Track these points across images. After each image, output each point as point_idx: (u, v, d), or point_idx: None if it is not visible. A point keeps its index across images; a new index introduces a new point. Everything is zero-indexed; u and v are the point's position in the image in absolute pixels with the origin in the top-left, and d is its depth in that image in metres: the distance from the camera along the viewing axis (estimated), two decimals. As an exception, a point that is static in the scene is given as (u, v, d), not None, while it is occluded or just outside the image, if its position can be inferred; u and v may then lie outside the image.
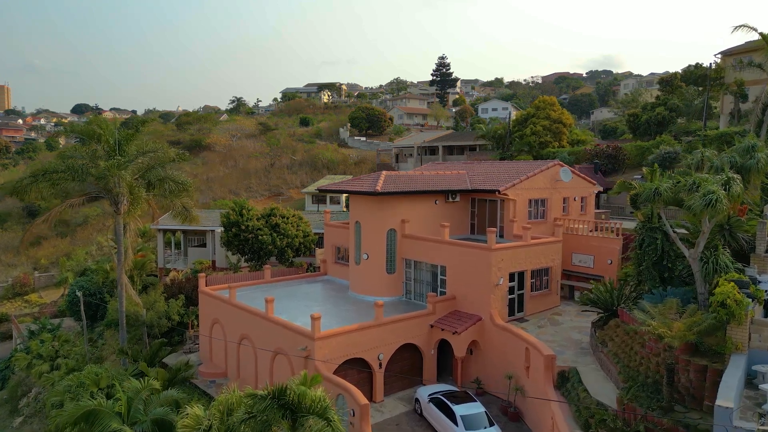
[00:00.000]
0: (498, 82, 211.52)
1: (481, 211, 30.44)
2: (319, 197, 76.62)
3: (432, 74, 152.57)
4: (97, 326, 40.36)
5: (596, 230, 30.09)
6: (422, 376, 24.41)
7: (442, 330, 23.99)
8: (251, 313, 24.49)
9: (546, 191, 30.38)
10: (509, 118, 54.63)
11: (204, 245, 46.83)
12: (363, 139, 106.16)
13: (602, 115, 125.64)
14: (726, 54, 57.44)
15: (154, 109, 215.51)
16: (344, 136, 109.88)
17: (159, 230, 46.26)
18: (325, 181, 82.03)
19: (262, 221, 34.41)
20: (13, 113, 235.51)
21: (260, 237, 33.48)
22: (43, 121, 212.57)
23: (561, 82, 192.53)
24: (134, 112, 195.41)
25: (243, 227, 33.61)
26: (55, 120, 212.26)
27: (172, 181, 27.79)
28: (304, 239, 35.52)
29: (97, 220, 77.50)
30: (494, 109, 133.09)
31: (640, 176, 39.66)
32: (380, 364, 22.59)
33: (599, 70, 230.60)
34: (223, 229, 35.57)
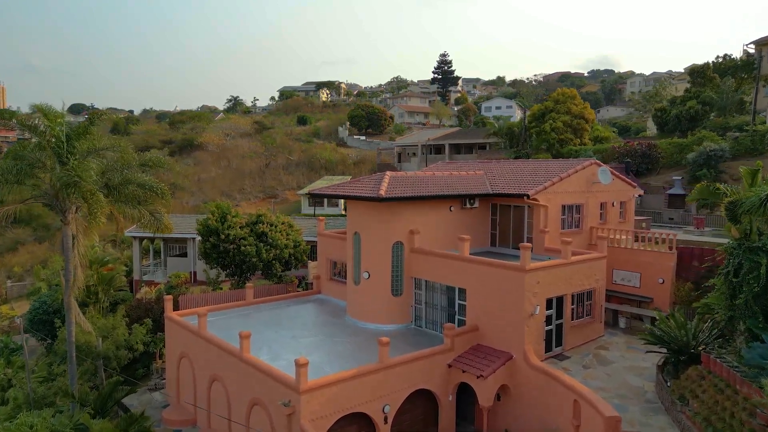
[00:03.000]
0: (500, 80, 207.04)
1: (504, 219, 25.52)
2: (316, 199, 71.79)
3: (433, 72, 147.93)
4: (60, 345, 35.43)
5: (639, 241, 25.23)
6: (438, 429, 19.53)
7: (464, 372, 19.06)
8: (223, 350, 19.54)
9: (581, 195, 25.48)
10: (525, 113, 49.75)
11: (185, 254, 41.89)
12: (363, 138, 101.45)
13: (608, 114, 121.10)
14: (760, 43, 52.56)
15: (152, 108, 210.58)
16: (343, 135, 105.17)
17: (135, 238, 41.35)
18: (323, 183, 77.04)
19: (246, 229, 29.47)
20: (8, 113, 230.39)
21: (243, 248, 28.52)
22: (38, 121, 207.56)
23: (565, 80, 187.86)
24: (131, 112, 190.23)
25: (223, 236, 28.65)
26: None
27: (137, 185, 22.88)
28: (295, 250, 30.58)
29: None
30: (498, 108, 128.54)
31: (680, 177, 34.75)
32: (386, 419, 17.67)
33: (600, 69, 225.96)
34: (200, 238, 30.61)
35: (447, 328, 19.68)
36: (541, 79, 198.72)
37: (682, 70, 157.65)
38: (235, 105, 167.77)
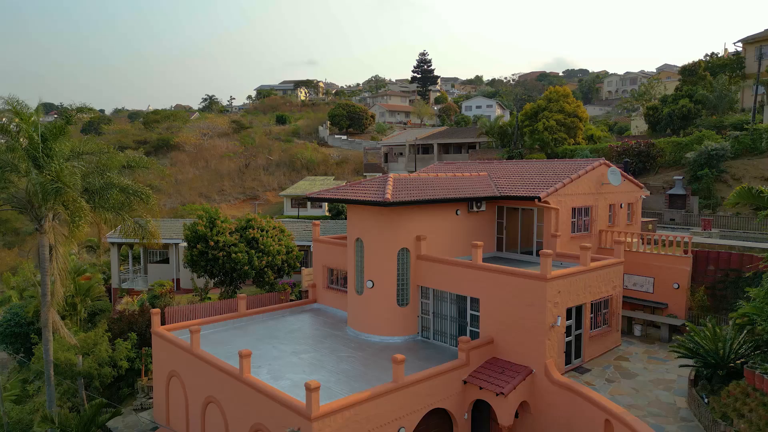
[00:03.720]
0: (478, 80, 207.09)
1: (512, 223, 24.34)
2: (300, 201, 70.03)
3: (413, 71, 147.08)
4: (36, 363, 33.19)
5: (652, 244, 24.30)
6: (453, 450, 18.22)
7: (481, 389, 17.77)
8: (220, 370, 17.90)
9: (591, 197, 24.43)
10: (516, 112, 48.78)
11: (167, 260, 39.88)
12: (344, 137, 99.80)
13: (587, 113, 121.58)
14: (747, 42, 52.53)
15: (123, 108, 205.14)
16: (324, 135, 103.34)
17: (113, 243, 39.19)
18: (305, 183, 75.28)
19: (236, 235, 27.74)
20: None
21: (234, 255, 26.80)
22: (4, 120, 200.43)
23: (543, 79, 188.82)
24: (102, 111, 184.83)
25: (212, 243, 26.87)
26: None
27: (119, 190, 21.08)
28: (287, 256, 28.95)
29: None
30: (478, 107, 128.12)
31: (680, 177, 34.05)
32: (401, 443, 16.30)
33: (575, 69, 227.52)
34: (186, 244, 28.78)
35: (462, 341, 18.35)
36: (517, 78, 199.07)
37: (654, 70, 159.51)
38: (211, 104, 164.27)
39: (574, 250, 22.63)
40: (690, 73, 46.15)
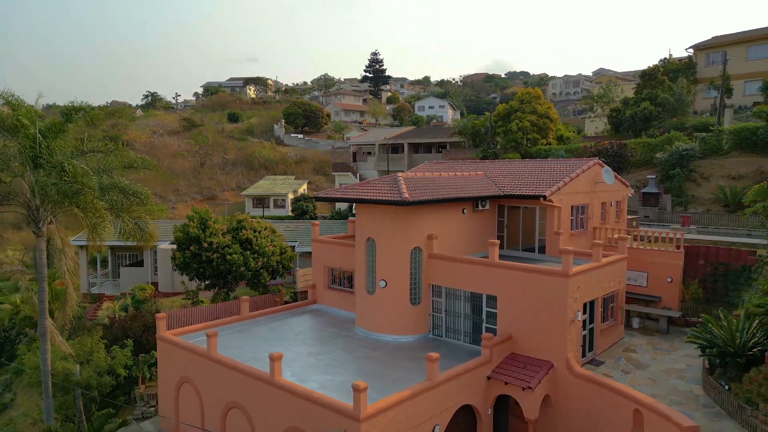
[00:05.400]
0: (426, 80, 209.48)
1: (513, 221, 24.87)
2: (262, 200, 68.82)
3: (365, 70, 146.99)
4: (2, 373, 31.18)
5: (645, 240, 25.40)
6: (478, 445, 18.49)
7: (506, 384, 18.12)
8: (245, 374, 17.44)
9: (587, 196, 25.29)
10: (491, 113, 49.77)
11: (140, 264, 38.37)
12: (300, 136, 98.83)
13: (557, 114, 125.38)
14: (698, 48, 55.58)
15: (54, 104, 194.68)
16: (279, 133, 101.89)
17: (81, 247, 37.31)
18: (267, 183, 74.08)
19: (228, 236, 27.03)
20: None
21: (229, 257, 26.10)
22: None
23: (490, 81, 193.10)
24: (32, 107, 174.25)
25: (205, 244, 26.08)
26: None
27: (120, 191, 20.17)
28: (281, 257, 28.46)
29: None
30: (431, 107, 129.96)
31: (653, 176, 35.72)
32: (437, 441, 16.41)
33: (516, 71, 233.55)
34: (174, 247, 27.76)
35: (485, 338, 18.63)
36: (461, 80, 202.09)
37: (591, 74, 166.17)
38: (154, 101, 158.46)
39: (574, 246, 23.39)
40: (650, 77, 48.56)
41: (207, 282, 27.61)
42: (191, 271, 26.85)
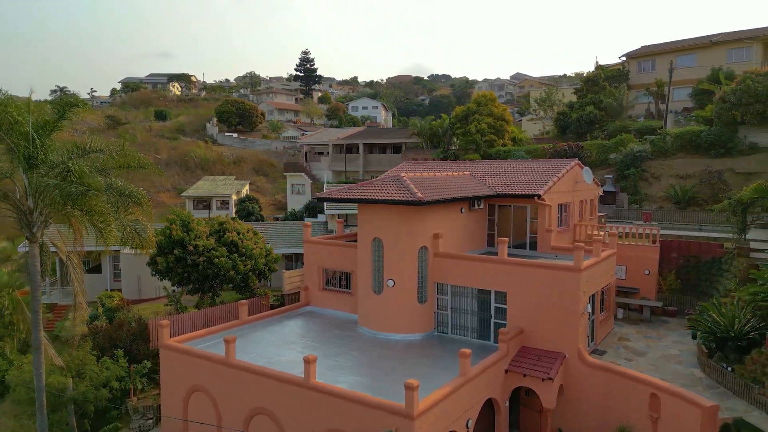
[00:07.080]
0: (354, 80, 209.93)
1: (504, 219, 25.72)
2: (204, 202, 66.45)
3: (296, 69, 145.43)
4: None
5: (623, 237, 27.07)
6: (497, 437, 19.07)
7: (524, 376, 18.81)
8: (277, 379, 17.02)
9: (569, 195, 26.60)
10: (450, 114, 50.82)
11: (97, 270, 36.11)
12: (235, 135, 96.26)
13: (511, 116, 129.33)
14: (629, 56, 59.51)
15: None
16: (212, 132, 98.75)
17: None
18: (207, 184, 71.59)
19: (212, 239, 26.10)
20: None
21: (216, 260, 25.21)
22: None
23: (418, 83, 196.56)
24: None
25: (191, 248, 25.04)
26: None
27: (117, 192, 19.04)
28: (267, 259, 27.83)
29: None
30: (365, 108, 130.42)
31: (611, 175, 37.98)
32: (470, 435, 16.81)
33: (438, 74, 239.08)
34: (155, 251, 26.40)
35: (503, 333, 19.25)
36: (386, 81, 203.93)
37: (509, 78, 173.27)
38: (65, 97, 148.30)
39: (561, 243, 24.64)
40: (593, 82, 51.58)
41: (189, 287, 26.48)
42: (175, 276, 25.68)
